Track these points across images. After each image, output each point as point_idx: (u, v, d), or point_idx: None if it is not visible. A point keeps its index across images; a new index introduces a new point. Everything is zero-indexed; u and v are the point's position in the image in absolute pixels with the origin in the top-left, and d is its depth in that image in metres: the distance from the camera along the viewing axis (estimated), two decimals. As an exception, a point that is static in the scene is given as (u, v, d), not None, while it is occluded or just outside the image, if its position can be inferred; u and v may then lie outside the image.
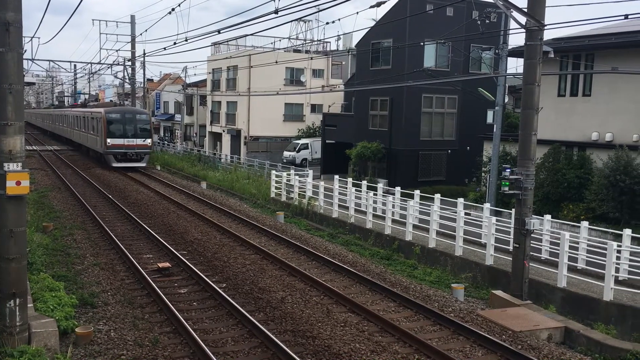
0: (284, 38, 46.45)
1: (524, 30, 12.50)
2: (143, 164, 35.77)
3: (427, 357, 9.57)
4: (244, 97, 46.23)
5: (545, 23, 12.42)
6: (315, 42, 50.75)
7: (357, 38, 47.26)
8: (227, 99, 51.56)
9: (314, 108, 50.39)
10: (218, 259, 15.43)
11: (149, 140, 35.76)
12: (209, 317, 11.32)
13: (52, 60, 74.85)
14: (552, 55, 13.97)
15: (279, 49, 47.05)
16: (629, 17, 12.43)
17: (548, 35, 21.39)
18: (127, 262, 14.74)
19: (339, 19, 21.10)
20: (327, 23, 62.70)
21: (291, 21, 37.95)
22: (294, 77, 49.41)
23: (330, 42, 59.77)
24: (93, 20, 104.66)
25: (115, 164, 34.71)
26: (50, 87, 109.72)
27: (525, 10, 12.38)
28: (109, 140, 34.37)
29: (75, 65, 66.98)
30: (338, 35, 47.60)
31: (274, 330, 10.51)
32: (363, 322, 11.02)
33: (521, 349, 10.10)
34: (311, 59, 42.77)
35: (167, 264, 14.33)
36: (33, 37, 50.15)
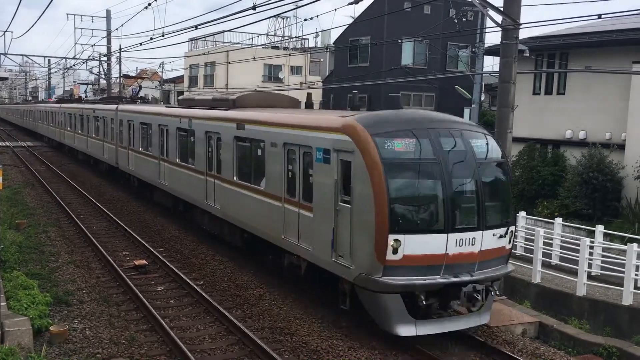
0: (262, 34, 46.27)
1: (500, 29, 12.65)
2: (483, 320, 10.49)
3: None
4: (222, 93, 45.96)
5: (521, 22, 12.57)
6: (294, 39, 50.69)
7: (335, 35, 47.38)
8: (204, 95, 51.20)
9: (292, 105, 50.29)
10: (196, 256, 15.35)
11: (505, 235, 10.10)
12: (186, 314, 11.26)
13: (25, 55, 73.64)
14: (528, 54, 14.18)
15: (257, 45, 46.90)
16: (602, 16, 12.65)
17: (523, 34, 21.65)
18: (103, 259, 14.58)
19: (317, 16, 21.22)
20: (305, 20, 62.69)
21: (269, 17, 37.92)
22: (272, 74, 49.30)
23: (308, 39, 59.84)
24: (68, 14, 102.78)
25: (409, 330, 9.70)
26: (24, 82, 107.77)
27: (502, 9, 12.52)
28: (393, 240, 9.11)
29: (49, 60, 65.79)
30: (316, 32, 47.76)
31: (251, 327, 10.49)
32: None
33: (496, 344, 10.23)
34: (289, 55, 42.71)
35: (143, 262, 14.21)
36: (6, 31, 49.10)
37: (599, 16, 12.84)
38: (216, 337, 10.16)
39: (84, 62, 50.25)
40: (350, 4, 19.11)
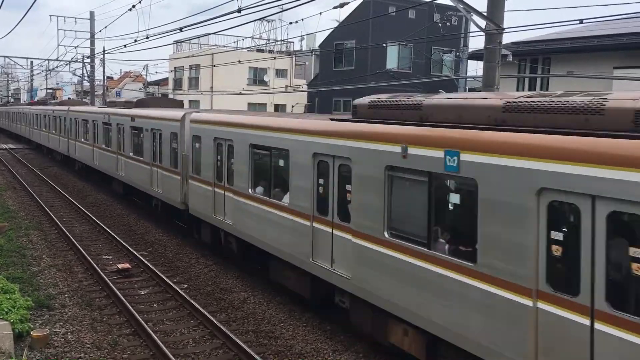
0: (247, 37, 46.27)
1: (484, 34, 12.75)
2: None
3: None
4: (207, 96, 45.82)
5: (504, 27, 12.68)
6: (279, 42, 50.69)
7: (320, 39, 47.40)
8: (189, 98, 51.01)
9: (278, 108, 50.33)
10: (180, 259, 15.26)
11: None
12: (169, 318, 11.19)
13: (7, 57, 72.80)
14: (511, 59, 14.29)
15: (242, 48, 46.83)
16: (584, 22, 12.79)
17: (507, 39, 21.87)
18: (86, 263, 14.45)
19: (302, 19, 21.42)
20: (291, 23, 62.87)
21: (254, 20, 37.84)
22: (257, 77, 49.23)
23: (293, 42, 59.80)
24: (51, 16, 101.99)
25: None
26: (6, 84, 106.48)
27: (485, 14, 12.62)
28: None
29: (32, 62, 65.24)
30: (302, 36, 47.82)
31: (235, 330, 10.45)
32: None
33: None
34: (274, 58, 42.68)
35: (127, 265, 14.10)
36: (-12, 32, 48.57)
37: (581, 21, 12.97)
38: (200, 341, 10.10)
39: (67, 64, 49.79)
40: (335, 7, 19.19)
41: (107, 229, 17.91)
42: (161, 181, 17.60)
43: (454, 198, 7.80)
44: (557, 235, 6.20)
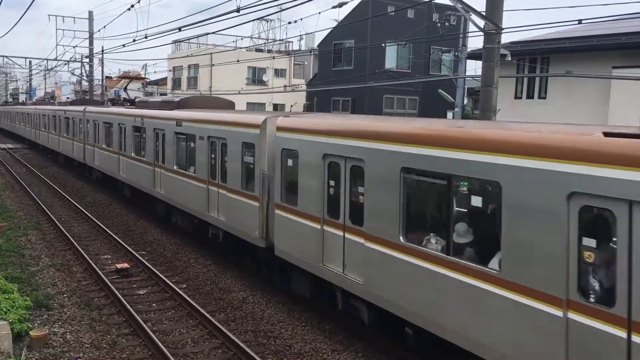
0: (246, 37, 46.24)
1: (483, 34, 12.76)
2: None
3: None
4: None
5: (503, 27, 12.69)
6: (278, 42, 50.68)
7: (319, 38, 47.39)
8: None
9: (277, 108, 50.33)
10: (179, 259, 15.26)
11: None
12: (168, 318, 11.19)
13: (5, 56, 72.72)
14: (509, 58, 14.30)
15: (240, 47, 46.81)
16: (582, 22, 12.80)
17: (505, 38, 21.86)
18: (84, 263, 14.44)
19: (301, 19, 21.35)
20: (290, 23, 62.78)
21: (253, 20, 37.97)
22: (256, 77, 49.22)
23: (292, 42, 59.77)
24: (49, 15, 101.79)
25: None
26: (4, 83, 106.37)
27: (484, 14, 12.63)
28: None
29: (30, 62, 65.16)
30: (300, 35, 47.83)
31: (234, 330, 10.45)
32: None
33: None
34: (273, 58, 42.68)
35: (125, 265, 14.10)
36: (-14, 31, 48.53)
37: (580, 21, 12.99)
38: (199, 341, 10.10)
39: (65, 64, 49.76)
40: (334, 7, 19.19)
41: (106, 229, 17.90)
42: (225, 206, 13.45)
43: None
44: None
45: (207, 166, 14.40)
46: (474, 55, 24.71)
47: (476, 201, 7.42)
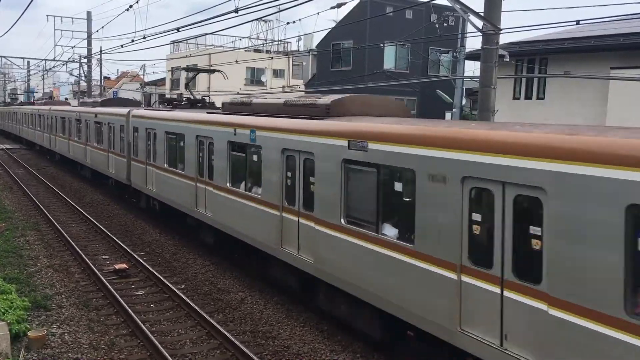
0: (244, 37, 46.30)
1: (481, 34, 12.76)
2: None
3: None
4: (204, 96, 45.75)
5: (501, 27, 12.70)
6: (276, 42, 50.70)
7: (317, 39, 47.43)
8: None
9: (275, 108, 50.32)
10: (177, 259, 15.25)
11: None
12: (167, 318, 11.18)
13: (3, 56, 72.59)
14: (508, 59, 14.29)
15: (239, 48, 46.82)
16: (580, 22, 12.83)
17: (504, 39, 21.89)
18: (83, 263, 14.43)
19: (299, 19, 21.32)
20: (288, 23, 62.96)
21: (251, 20, 37.99)
22: (254, 77, 49.23)
23: (291, 43, 59.85)
24: (47, 15, 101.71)
25: None
26: (2, 84, 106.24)
27: (482, 14, 12.64)
28: None
29: (28, 62, 65.01)
30: (299, 36, 47.83)
31: (233, 331, 10.44)
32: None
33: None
34: (272, 58, 42.68)
35: (124, 265, 14.08)
36: (-16, 32, 48.48)
37: (578, 22, 13.03)
38: (197, 342, 10.10)
39: (64, 64, 49.72)
40: (333, 7, 19.21)
41: (104, 229, 17.89)
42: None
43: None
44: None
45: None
46: (472, 56, 24.73)
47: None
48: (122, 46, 28.20)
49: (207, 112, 15.04)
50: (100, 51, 47.33)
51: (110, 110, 23.44)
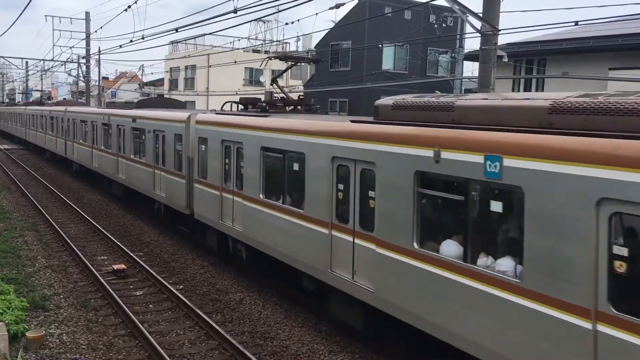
0: (243, 38, 46.33)
1: (479, 35, 12.77)
2: None
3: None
4: (202, 97, 45.78)
5: (500, 28, 12.71)
6: (275, 43, 50.67)
7: (316, 39, 47.46)
8: (185, 98, 50.93)
9: (274, 108, 50.28)
10: (175, 260, 15.24)
11: None
12: (165, 319, 11.17)
13: (2, 57, 72.52)
14: (506, 60, 14.31)
15: (238, 48, 46.80)
16: (579, 23, 12.85)
17: (502, 40, 21.91)
18: (81, 264, 14.41)
19: (298, 20, 21.34)
20: (287, 24, 63.01)
21: (250, 21, 37.98)
22: (253, 77, 49.21)
23: (289, 43, 59.91)
24: (46, 16, 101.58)
25: None
26: (1, 84, 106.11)
27: (481, 15, 12.65)
28: None
29: (27, 62, 64.89)
30: (297, 36, 47.78)
31: (231, 331, 10.44)
32: (321, 323, 10.94)
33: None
34: (270, 59, 42.62)
35: (122, 266, 14.07)
36: (-18, 32, 48.46)
37: (576, 23, 13.04)
38: (196, 342, 10.09)
39: (62, 65, 49.68)
40: (331, 8, 19.21)
41: (102, 230, 17.87)
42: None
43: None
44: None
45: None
46: (471, 57, 24.74)
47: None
48: (120, 46, 28.23)
49: (351, 121, 9.80)
50: (99, 51, 47.33)
51: (157, 114, 18.23)
